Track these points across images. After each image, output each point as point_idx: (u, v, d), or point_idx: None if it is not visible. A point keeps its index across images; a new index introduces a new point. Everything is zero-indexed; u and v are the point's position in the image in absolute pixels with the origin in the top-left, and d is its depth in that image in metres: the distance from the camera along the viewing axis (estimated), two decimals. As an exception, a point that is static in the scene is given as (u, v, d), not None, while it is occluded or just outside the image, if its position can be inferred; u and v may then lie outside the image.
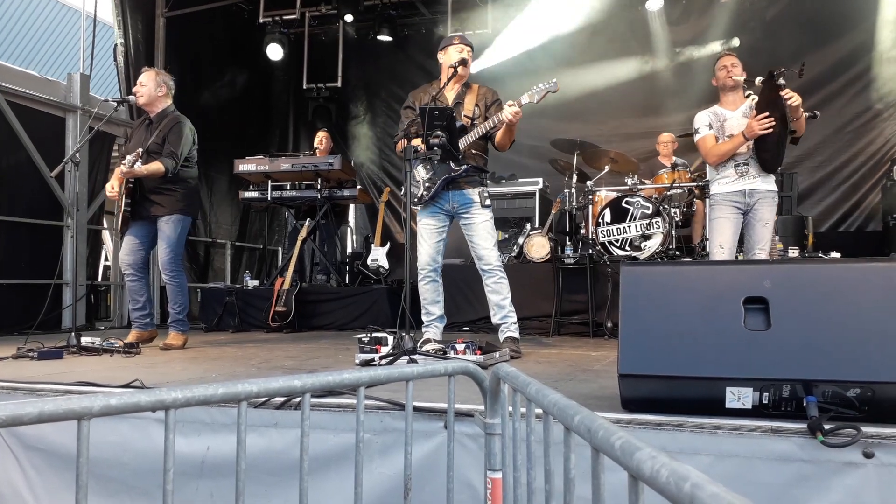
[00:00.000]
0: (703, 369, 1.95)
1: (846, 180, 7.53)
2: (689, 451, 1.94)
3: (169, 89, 4.63)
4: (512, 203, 6.89)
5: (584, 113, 8.07)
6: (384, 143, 9.44)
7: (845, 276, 2.00)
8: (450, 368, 1.70)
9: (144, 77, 4.60)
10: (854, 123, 7.45)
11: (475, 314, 5.86)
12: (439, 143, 3.55)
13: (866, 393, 1.84)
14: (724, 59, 4.12)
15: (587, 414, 1.03)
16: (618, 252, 5.51)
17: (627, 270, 2.16)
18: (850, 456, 1.82)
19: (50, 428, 2.49)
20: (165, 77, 4.65)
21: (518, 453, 1.50)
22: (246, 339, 5.40)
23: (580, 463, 1.07)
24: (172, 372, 3.40)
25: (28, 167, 6.15)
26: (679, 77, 7.91)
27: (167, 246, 4.48)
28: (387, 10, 8.76)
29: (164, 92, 4.59)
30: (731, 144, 3.95)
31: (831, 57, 7.40)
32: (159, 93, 4.58)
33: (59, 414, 1.05)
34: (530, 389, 1.34)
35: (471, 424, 2.08)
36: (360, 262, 7.03)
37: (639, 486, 0.81)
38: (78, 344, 4.14)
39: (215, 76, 8.29)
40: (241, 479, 1.27)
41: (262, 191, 6.69)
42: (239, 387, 1.26)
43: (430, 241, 3.98)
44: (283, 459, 2.29)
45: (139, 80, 4.63)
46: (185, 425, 2.35)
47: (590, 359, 3.83)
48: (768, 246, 4.03)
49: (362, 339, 3.40)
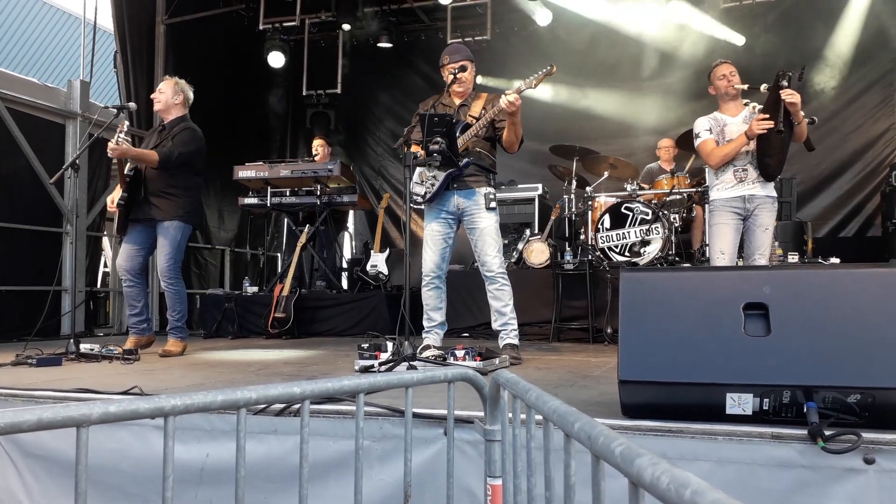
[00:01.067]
0: (703, 375, 1.95)
1: (845, 185, 7.54)
2: (689, 458, 1.93)
3: (186, 98, 4.66)
4: (511, 209, 6.90)
5: (585, 119, 8.10)
6: (384, 149, 9.46)
7: (845, 282, 2.01)
8: (449, 375, 1.70)
9: (163, 85, 4.66)
10: (853, 129, 7.46)
11: (475, 320, 5.86)
12: (439, 150, 3.55)
13: (867, 399, 1.84)
14: (721, 67, 4.10)
15: (587, 420, 1.03)
16: (617, 258, 5.51)
17: (627, 276, 2.16)
18: (850, 462, 1.82)
19: (48, 435, 2.48)
20: (184, 86, 4.68)
21: (518, 460, 1.49)
22: (245, 346, 5.39)
23: (580, 470, 1.06)
24: (171, 379, 3.39)
25: (28, 174, 6.15)
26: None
27: (166, 253, 4.47)
28: (386, 17, 8.78)
29: (180, 100, 4.62)
30: (733, 146, 3.94)
31: (832, 61, 7.41)
32: (176, 101, 4.60)
33: (57, 421, 1.04)
34: (530, 396, 1.34)
35: (471, 431, 2.07)
36: (359, 269, 7.03)
37: (639, 493, 0.81)
38: (77, 351, 4.13)
39: (215, 83, 8.28)
40: (241, 486, 1.26)
41: (261, 197, 6.69)
42: (238, 394, 1.26)
43: (436, 249, 3.97)
44: (282, 466, 2.28)
45: (158, 87, 4.70)
46: (184, 432, 2.35)
47: (590, 365, 3.82)
48: (768, 252, 4.02)
49: (362, 345, 3.40)
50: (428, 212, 4.02)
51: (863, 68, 7.43)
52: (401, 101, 9.23)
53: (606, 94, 8.20)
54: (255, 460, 2.25)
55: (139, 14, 7.28)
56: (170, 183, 4.48)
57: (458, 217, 3.99)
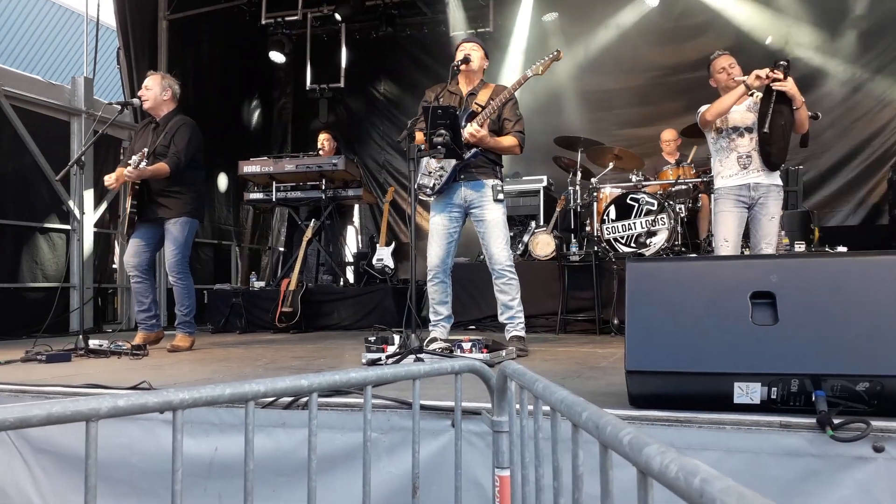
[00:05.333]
0: (710, 365, 1.95)
1: (852, 174, 7.49)
2: (697, 447, 1.93)
3: (174, 93, 4.63)
4: (517, 201, 6.88)
5: (589, 108, 8.08)
6: (388, 142, 9.44)
7: (852, 270, 2.00)
8: (457, 367, 1.70)
9: (150, 81, 4.61)
10: (859, 116, 7.41)
11: (481, 313, 5.85)
12: (443, 142, 3.54)
13: (875, 387, 1.83)
14: (720, 59, 4.06)
15: (595, 410, 1.03)
16: (623, 249, 5.49)
17: (633, 267, 2.16)
18: (859, 450, 1.82)
19: (58, 430, 2.50)
20: (171, 81, 4.66)
21: (526, 451, 1.49)
22: (253, 340, 5.41)
23: (588, 460, 1.06)
24: (180, 373, 3.41)
25: (34, 171, 6.16)
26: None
27: (174, 248, 4.49)
28: (388, 9, 8.76)
29: (168, 96, 4.60)
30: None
31: (835, 48, 7.36)
32: (164, 96, 4.58)
33: (67, 415, 1.05)
34: (537, 387, 1.33)
35: (478, 422, 2.08)
36: (365, 262, 7.04)
37: (648, 482, 0.81)
38: (86, 346, 4.15)
39: (218, 78, 8.30)
40: (250, 479, 1.27)
41: (266, 192, 6.70)
42: (246, 387, 1.26)
43: (441, 243, 3.96)
44: (291, 459, 2.29)
45: (144, 83, 4.64)
46: (192, 426, 2.36)
47: (596, 356, 3.82)
48: (775, 240, 4.00)
49: (368, 338, 3.41)
50: (434, 205, 4.01)
51: (868, 55, 7.37)
52: (404, 94, 9.21)
53: (611, 84, 8.16)
54: (264, 453, 2.26)
55: (142, 10, 7.28)
56: (174, 181, 4.48)
57: (464, 210, 3.98)
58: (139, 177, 4.36)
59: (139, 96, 4.64)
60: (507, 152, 4.00)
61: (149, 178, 4.42)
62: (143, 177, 4.39)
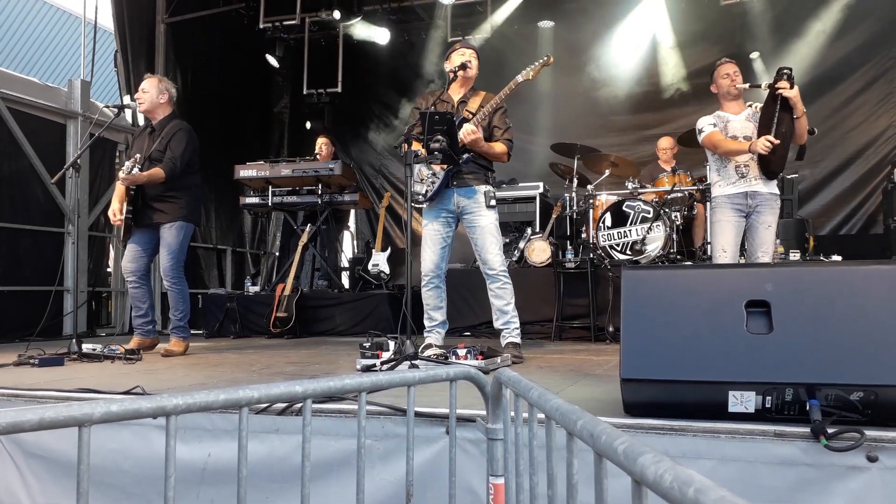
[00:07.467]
0: (705, 373, 1.95)
1: (847, 183, 7.52)
2: (691, 456, 1.93)
3: (171, 97, 4.62)
4: (512, 207, 6.89)
5: (585, 117, 8.10)
6: (384, 148, 9.45)
7: (847, 279, 2.00)
8: (451, 373, 1.69)
9: (146, 84, 4.60)
10: (854, 126, 7.44)
11: (476, 319, 5.85)
12: (440, 148, 3.55)
13: (869, 396, 1.84)
14: (724, 66, 4.10)
15: (590, 418, 1.03)
16: (619, 256, 5.50)
17: (629, 274, 2.16)
18: (853, 460, 1.82)
19: (50, 435, 2.48)
20: (168, 84, 4.65)
21: (520, 458, 1.49)
22: (247, 345, 5.39)
23: (583, 468, 1.06)
24: (174, 378, 3.39)
25: (29, 174, 6.14)
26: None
27: (169, 253, 4.47)
28: (387, 15, 8.78)
29: (165, 99, 4.59)
30: (736, 147, 3.94)
31: (833, 59, 7.40)
32: (161, 100, 4.57)
33: (59, 421, 1.04)
34: (532, 394, 1.33)
35: (473, 430, 2.07)
36: (361, 268, 7.03)
37: (642, 491, 0.81)
38: (79, 350, 4.13)
39: (216, 82, 8.30)
40: (243, 485, 1.26)
41: (262, 196, 6.69)
42: (240, 393, 1.26)
43: (435, 248, 3.96)
44: (284, 466, 2.28)
45: (141, 86, 4.62)
46: (186, 432, 2.34)
47: (591, 363, 3.82)
48: (771, 249, 4.02)
49: (363, 344, 3.40)
50: (427, 211, 4.01)
51: (864, 65, 7.41)
52: (401, 100, 9.22)
53: (608, 91, 8.19)
54: (258, 459, 2.25)
55: (139, 13, 7.27)
56: (169, 186, 4.47)
57: (457, 216, 3.99)
58: (133, 182, 4.35)
59: (136, 99, 4.63)
60: (497, 159, 4.01)
61: (144, 183, 4.41)
62: (138, 182, 4.38)
